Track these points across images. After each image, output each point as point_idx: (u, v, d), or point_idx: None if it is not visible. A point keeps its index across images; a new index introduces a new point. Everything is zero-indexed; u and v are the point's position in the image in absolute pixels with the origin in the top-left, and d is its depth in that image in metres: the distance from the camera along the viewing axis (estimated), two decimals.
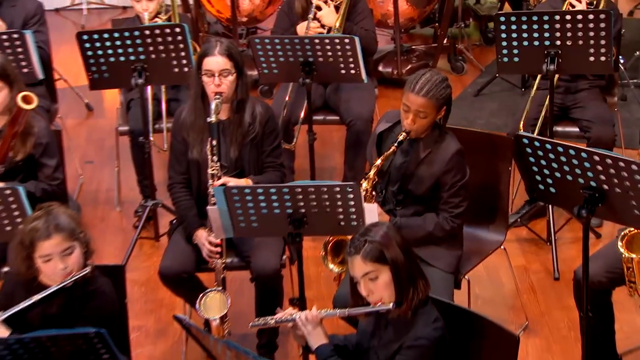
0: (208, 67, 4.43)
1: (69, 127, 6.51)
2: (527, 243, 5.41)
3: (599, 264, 4.15)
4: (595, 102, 5.38)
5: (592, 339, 4.05)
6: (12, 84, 4.62)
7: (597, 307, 4.13)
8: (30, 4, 5.88)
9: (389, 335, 3.41)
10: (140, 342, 4.78)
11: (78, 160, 6.18)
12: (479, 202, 4.61)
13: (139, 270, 5.25)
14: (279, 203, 3.99)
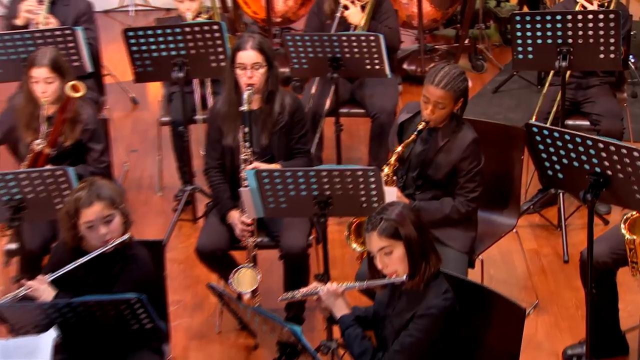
0: (241, 60, 4.48)
1: (116, 119, 6.56)
2: (539, 228, 5.40)
3: (604, 246, 4.17)
4: (605, 98, 5.37)
5: (597, 317, 4.06)
6: (63, 75, 4.70)
7: (602, 286, 4.16)
8: (81, 3, 5.93)
9: (403, 305, 3.45)
10: (179, 315, 4.83)
11: (123, 149, 6.25)
12: (493, 188, 4.62)
13: (178, 249, 5.30)
14: (305, 185, 4.05)
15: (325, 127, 5.72)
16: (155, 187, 6.00)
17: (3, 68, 5.43)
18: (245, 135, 4.46)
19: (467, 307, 3.51)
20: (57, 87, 4.69)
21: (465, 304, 3.49)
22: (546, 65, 5.26)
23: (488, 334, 3.55)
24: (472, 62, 7.30)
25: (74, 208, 3.70)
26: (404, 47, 6.95)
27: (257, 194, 4.13)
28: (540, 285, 4.90)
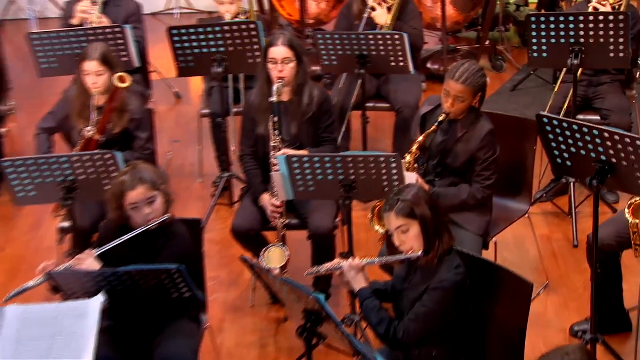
0: (272, 55, 4.55)
1: (161, 112, 6.63)
2: (551, 216, 5.41)
3: (609, 230, 4.20)
4: (615, 94, 5.36)
5: (602, 296, 4.11)
6: (112, 69, 4.77)
7: (607, 267, 4.20)
8: (131, 5, 6.02)
9: (418, 279, 3.50)
10: (216, 290, 4.88)
11: (167, 140, 6.33)
12: (508, 176, 4.64)
13: (216, 231, 5.36)
14: (332, 170, 4.11)
15: (353, 120, 5.73)
16: (195, 174, 6.04)
17: (60, 63, 5.49)
18: (275, 124, 4.52)
19: (478, 282, 3.55)
20: (106, 79, 4.75)
21: (476, 280, 3.53)
22: (559, 63, 5.24)
23: (497, 308, 3.58)
24: (492, 62, 7.30)
25: (119, 191, 3.77)
26: (428, 48, 7.00)
27: (287, 178, 4.18)
28: (550, 268, 4.91)
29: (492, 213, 4.50)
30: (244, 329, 4.72)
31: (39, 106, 5.56)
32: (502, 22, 7.40)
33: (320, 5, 6.82)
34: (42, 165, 4.25)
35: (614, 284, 4.22)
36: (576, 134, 3.82)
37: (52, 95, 5.39)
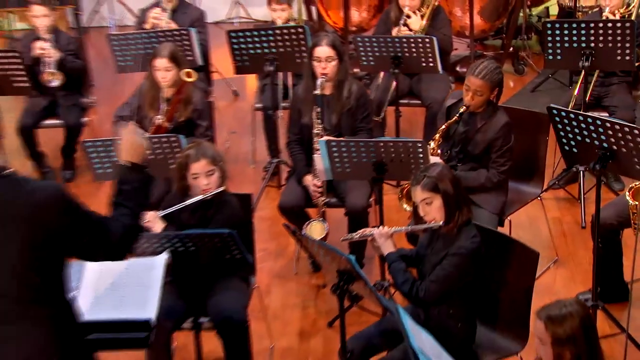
0: (317, 54, 4.63)
1: (221, 107, 6.72)
2: (562, 201, 5.43)
3: (611, 210, 4.24)
4: (622, 93, 5.34)
5: (603, 269, 4.14)
6: (179, 65, 4.86)
7: (609, 244, 4.23)
8: (196, 12, 6.16)
9: (439, 246, 3.56)
10: (265, 259, 4.96)
11: (226, 131, 6.40)
12: (522, 163, 4.67)
13: (266, 209, 5.44)
14: (366, 154, 4.17)
15: (387, 115, 5.73)
16: (249, 160, 6.10)
17: (134, 61, 5.58)
18: (318, 114, 4.61)
19: (492, 251, 3.61)
20: (174, 75, 4.82)
21: (490, 249, 3.59)
22: (572, 65, 5.22)
23: (508, 273, 3.64)
24: (514, 66, 7.27)
25: (184, 162, 3.89)
26: (457, 53, 6.99)
27: (326, 160, 4.26)
28: (560, 246, 4.94)
29: (507, 195, 4.51)
30: (288, 293, 4.78)
31: (116, 101, 5.71)
32: (524, 31, 7.36)
33: (362, 14, 6.81)
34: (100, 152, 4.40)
35: (615, 258, 4.24)
36: (581, 123, 3.87)
37: (126, 92, 5.52)
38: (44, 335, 2.67)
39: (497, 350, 3.59)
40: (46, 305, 2.67)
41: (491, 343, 3.63)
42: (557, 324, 2.82)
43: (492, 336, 3.65)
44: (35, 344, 2.65)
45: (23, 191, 2.62)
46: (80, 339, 2.80)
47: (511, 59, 7.31)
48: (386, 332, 3.64)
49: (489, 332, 3.66)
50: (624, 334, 3.75)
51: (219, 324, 3.82)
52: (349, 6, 6.76)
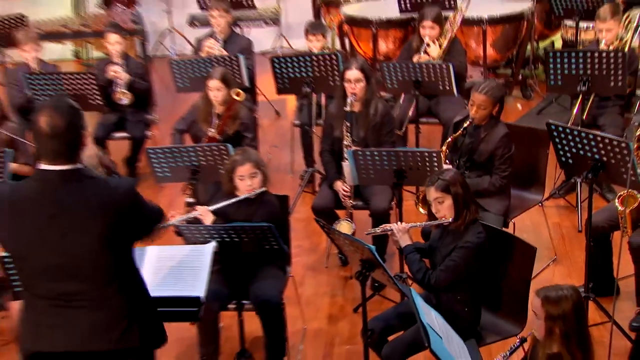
0: (348, 76, 4.66)
1: (264, 124, 6.80)
2: (562, 208, 5.40)
3: (603, 215, 4.25)
4: (614, 114, 5.32)
5: (596, 267, 4.15)
6: (229, 86, 4.92)
7: (600, 245, 4.23)
8: (244, 41, 6.22)
9: (449, 240, 3.60)
10: (300, 254, 4.96)
11: (268, 145, 6.41)
12: (525, 173, 4.69)
13: (301, 211, 5.43)
14: (387, 162, 4.23)
15: (409, 132, 5.72)
16: (288, 170, 6.13)
17: (192, 83, 5.67)
18: (347, 128, 4.64)
19: (496, 246, 3.63)
20: (225, 94, 4.91)
21: (494, 245, 3.62)
22: (571, 90, 5.20)
23: (510, 265, 3.65)
24: (522, 92, 7.22)
25: (232, 166, 3.96)
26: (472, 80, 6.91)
27: (353, 167, 4.31)
28: (558, 247, 4.92)
29: (510, 199, 4.51)
30: (319, 283, 4.81)
31: (174, 118, 5.82)
32: (532, 61, 7.32)
33: (389, 45, 6.80)
34: (175, 153, 4.48)
35: (605, 257, 4.23)
36: (576, 137, 3.91)
37: (183, 110, 5.60)
38: (119, 307, 2.74)
39: (499, 332, 3.61)
40: (121, 279, 2.75)
41: (494, 326, 3.65)
42: (553, 303, 2.87)
43: (495, 320, 3.67)
44: (113, 311, 2.72)
45: (105, 188, 2.71)
46: (151, 308, 2.88)
47: (520, 86, 7.26)
48: (402, 315, 3.67)
49: (492, 316, 3.68)
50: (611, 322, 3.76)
51: (259, 305, 3.86)
52: (377, 39, 6.76)
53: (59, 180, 2.65)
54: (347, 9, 7.07)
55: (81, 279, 2.69)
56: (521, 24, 6.82)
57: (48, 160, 2.65)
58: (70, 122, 2.64)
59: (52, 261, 2.67)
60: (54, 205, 2.64)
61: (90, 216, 2.65)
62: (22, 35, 5.90)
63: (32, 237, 2.66)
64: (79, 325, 2.71)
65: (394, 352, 3.57)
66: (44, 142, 2.63)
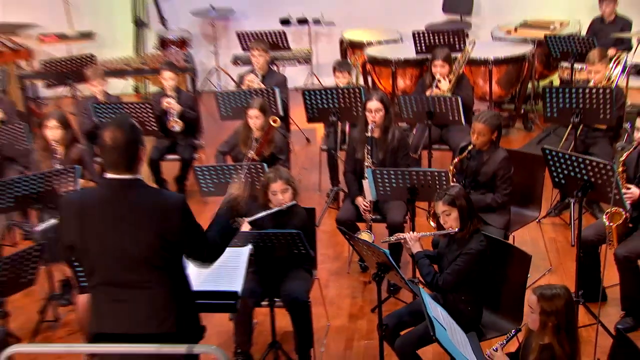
0: (369, 107, 4.71)
1: (297, 150, 6.78)
2: (557, 225, 5.38)
3: (592, 230, 4.26)
4: (603, 144, 5.32)
5: (585, 276, 4.13)
6: (266, 114, 5.02)
7: (590, 256, 4.23)
8: (280, 77, 6.30)
9: (455, 248, 3.63)
10: (325, 261, 5.01)
11: (299, 167, 6.48)
12: (524, 192, 4.70)
13: (327, 224, 5.49)
14: (402, 180, 4.26)
15: (423, 157, 5.71)
16: (316, 189, 6.15)
17: (234, 112, 5.74)
18: (368, 151, 4.68)
19: (496, 254, 3.67)
20: (262, 121, 5.00)
21: (495, 252, 3.66)
22: (565, 121, 5.20)
23: (508, 270, 3.68)
24: (524, 125, 7.20)
25: (266, 182, 4.01)
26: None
27: (372, 185, 4.35)
28: (553, 259, 4.91)
29: (510, 214, 4.51)
30: (342, 286, 4.83)
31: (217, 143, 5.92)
32: (533, 97, 7.32)
33: (406, 82, 6.85)
34: (219, 171, 4.60)
35: (594, 267, 4.22)
36: (567, 160, 3.92)
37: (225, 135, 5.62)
38: (166, 296, 2.79)
39: (498, 329, 3.62)
40: (168, 276, 2.79)
41: (494, 323, 3.67)
42: (547, 299, 2.92)
43: (495, 318, 3.69)
44: (160, 302, 2.77)
45: (159, 196, 2.79)
46: (191, 301, 2.91)
47: (522, 119, 7.25)
48: (413, 312, 3.70)
49: (492, 315, 3.70)
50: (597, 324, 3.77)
51: (288, 303, 3.89)
52: (396, 76, 6.83)
53: (120, 187, 2.72)
54: (370, 50, 7.12)
55: (135, 272, 2.73)
56: (523, 65, 6.82)
57: (112, 170, 2.73)
58: (129, 138, 2.71)
59: (112, 256, 2.72)
60: (116, 208, 2.71)
61: (145, 219, 2.70)
62: (91, 72, 6.04)
63: (96, 235, 2.72)
64: (131, 311, 2.75)
65: (405, 344, 3.61)
66: (107, 154, 2.72)
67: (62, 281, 4.67)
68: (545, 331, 2.91)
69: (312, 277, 4.16)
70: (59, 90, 7.57)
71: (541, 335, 2.92)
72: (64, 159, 4.93)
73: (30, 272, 3.82)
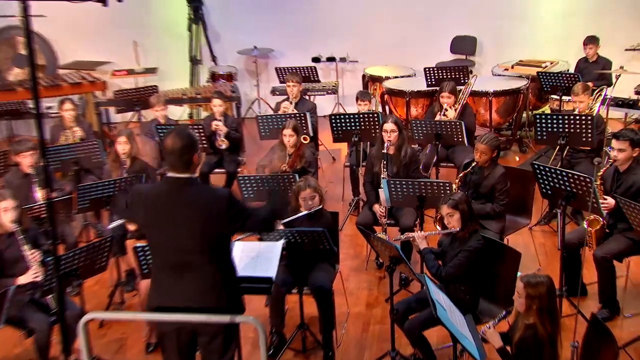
0: (385, 128, 4.77)
1: (324, 166, 6.79)
2: (546, 232, 5.35)
3: (575, 234, 4.27)
4: (587, 164, 5.25)
5: (569, 274, 4.13)
6: (298, 133, 5.08)
7: (572, 257, 4.23)
8: (310, 104, 6.34)
9: (456, 245, 3.70)
10: (345, 259, 5.02)
11: (326, 181, 6.43)
12: (517, 203, 4.69)
13: (349, 229, 5.49)
14: (412, 190, 4.29)
15: (432, 174, 5.68)
16: (339, 199, 6.12)
17: (271, 132, 5.75)
18: (384, 165, 4.73)
19: (492, 252, 3.70)
20: (295, 139, 5.02)
21: (490, 251, 3.69)
22: (553, 143, 5.21)
23: (502, 265, 3.70)
24: (520, 148, 7.17)
25: (297, 190, 4.07)
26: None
27: (387, 193, 4.39)
28: (542, 260, 4.89)
29: (505, 221, 4.53)
30: (360, 280, 4.85)
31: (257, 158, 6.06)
32: (527, 125, 7.29)
33: (417, 109, 6.87)
34: (258, 180, 4.64)
35: (576, 266, 4.21)
36: (553, 174, 3.96)
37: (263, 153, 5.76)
38: (215, 276, 2.84)
39: (492, 315, 3.55)
40: (217, 260, 2.84)
41: (489, 310, 3.69)
42: (532, 286, 2.96)
43: (489, 306, 3.71)
44: (209, 281, 2.84)
45: (210, 191, 2.88)
46: (236, 282, 2.97)
47: (518, 143, 7.23)
48: (420, 300, 3.73)
49: (487, 304, 3.72)
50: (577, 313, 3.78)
51: (314, 290, 3.93)
52: (410, 105, 6.86)
53: (177, 184, 2.82)
54: (387, 83, 7.16)
55: (189, 255, 2.80)
56: (519, 97, 6.81)
57: (172, 170, 2.83)
58: (185, 144, 2.79)
59: (170, 242, 2.81)
60: (173, 201, 2.80)
61: (197, 211, 2.77)
62: (154, 99, 6.17)
63: (156, 223, 2.82)
64: (187, 288, 2.83)
65: (412, 326, 3.65)
66: (168, 156, 2.82)
67: (127, 271, 4.81)
68: (530, 313, 2.95)
69: (335, 270, 4.18)
70: (127, 116, 7.79)
71: (527, 316, 2.97)
72: (130, 169, 5.08)
73: (103, 260, 3.95)
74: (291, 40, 8.44)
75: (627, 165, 4.12)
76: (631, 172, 4.09)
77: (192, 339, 2.97)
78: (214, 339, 2.91)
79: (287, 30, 8.40)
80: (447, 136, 5.35)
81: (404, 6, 8.21)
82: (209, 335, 2.89)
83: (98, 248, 3.88)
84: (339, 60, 8.46)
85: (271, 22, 8.42)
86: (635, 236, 4.00)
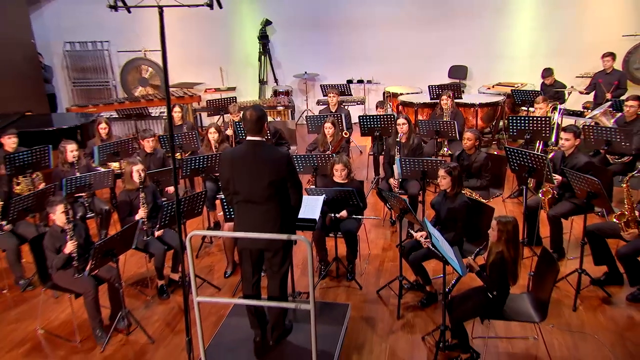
0: (398, 122, 4.77)
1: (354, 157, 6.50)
2: (515, 204, 5.18)
3: (534, 201, 4.19)
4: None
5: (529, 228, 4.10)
6: (334, 126, 5.01)
7: (531, 216, 4.13)
8: (345, 110, 6.06)
9: (445, 202, 3.66)
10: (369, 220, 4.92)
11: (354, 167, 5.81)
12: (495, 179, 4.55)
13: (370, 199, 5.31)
14: (417, 166, 4.21)
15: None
16: (364, 179, 5.86)
17: (316, 128, 5.54)
18: (398, 150, 4.69)
19: (472, 207, 3.65)
20: (333, 131, 4.96)
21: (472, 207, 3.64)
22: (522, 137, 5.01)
23: (480, 217, 3.66)
24: (498, 146, 6.96)
25: (332, 164, 3.99)
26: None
27: (399, 167, 4.34)
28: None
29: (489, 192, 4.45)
30: (378, 232, 4.77)
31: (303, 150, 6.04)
32: (503, 129, 7.12)
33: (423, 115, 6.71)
34: (307, 159, 4.44)
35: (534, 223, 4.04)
36: (519, 155, 3.93)
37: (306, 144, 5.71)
38: (278, 210, 2.86)
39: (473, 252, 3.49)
40: (279, 200, 2.85)
41: (471, 249, 3.59)
42: (502, 223, 2.99)
43: (471, 246, 3.64)
44: (274, 214, 2.85)
45: (275, 151, 2.86)
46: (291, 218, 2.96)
47: (496, 142, 7.11)
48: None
49: (469, 245, 3.64)
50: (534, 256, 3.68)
51: (345, 234, 3.91)
52: (417, 113, 6.80)
53: (253, 145, 2.83)
54: (401, 97, 7.17)
55: (260, 195, 2.82)
56: (497, 108, 6.74)
57: (249, 134, 2.84)
58: (258, 115, 2.80)
59: (247, 185, 2.82)
60: (250, 157, 2.81)
61: (267, 165, 2.78)
62: (232, 108, 6.18)
63: (239, 172, 2.83)
64: (256, 219, 2.87)
65: (415, 258, 3.66)
66: (246, 124, 2.82)
67: (215, 222, 5.04)
68: (500, 243, 3.01)
69: (360, 221, 4.09)
70: (214, 119, 8.05)
71: (497, 245, 3.02)
72: (217, 152, 5.22)
73: (199, 207, 4.06)
74: (331, 66, 8.55)
75: (571, 151, 4.12)
76: (574, 156, 4.11)
77: (260, 255, 3.01)
78: (276, 255, 2.96)
79: (328, 60, 8.53)
80: (444, 131, 5.32)
81: (415, 44, 8.33)
82: (272, 251, 2.94)
83: (197, 198, 4.11)
84: (366, 82, 8.52)
85: (317, 54, 8.58)
86: (577, 201, 3.97)
